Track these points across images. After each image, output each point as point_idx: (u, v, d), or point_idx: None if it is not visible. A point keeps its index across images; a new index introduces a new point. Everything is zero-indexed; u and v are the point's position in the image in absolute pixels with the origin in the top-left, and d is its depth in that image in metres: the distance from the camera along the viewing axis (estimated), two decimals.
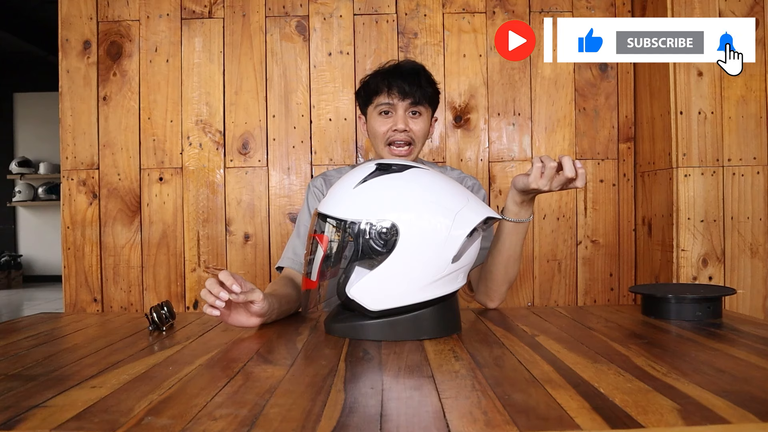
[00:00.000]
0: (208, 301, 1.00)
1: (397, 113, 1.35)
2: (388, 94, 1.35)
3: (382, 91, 1.35)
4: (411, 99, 1.34)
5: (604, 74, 1.96)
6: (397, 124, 1.35)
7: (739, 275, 1.70)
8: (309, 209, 1.44)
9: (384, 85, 1.35)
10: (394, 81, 1.34)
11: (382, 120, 1.37)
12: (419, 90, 1.34)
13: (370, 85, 1.38)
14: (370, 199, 1.02)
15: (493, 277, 1.28)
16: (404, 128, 1.35)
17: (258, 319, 1.08)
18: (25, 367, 0.87)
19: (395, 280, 1.00)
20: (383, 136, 1.37)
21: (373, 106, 1.39)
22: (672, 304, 1.17)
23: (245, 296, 1.01)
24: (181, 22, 1.96)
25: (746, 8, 1.69)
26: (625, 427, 0.59)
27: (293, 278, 1.33)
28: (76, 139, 1.96)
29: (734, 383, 0.73)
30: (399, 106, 1.35)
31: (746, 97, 1.70)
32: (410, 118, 1.37)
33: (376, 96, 1.37)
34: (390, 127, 1.36)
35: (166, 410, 0.66)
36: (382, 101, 1.36)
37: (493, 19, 1.96)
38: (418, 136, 1.37)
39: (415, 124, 1.37)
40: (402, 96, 1.34)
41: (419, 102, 1.35)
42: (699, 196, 1.69)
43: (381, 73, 1.38)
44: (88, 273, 1.96)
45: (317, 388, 0.74)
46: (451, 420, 0.63)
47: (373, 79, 1.38)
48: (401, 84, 1.33)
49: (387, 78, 1.35)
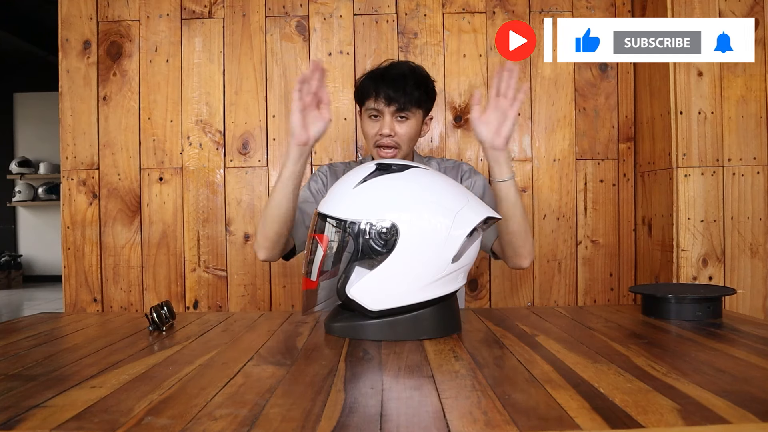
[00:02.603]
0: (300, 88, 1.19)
1: (384, 118, 1.39)
2: (375, 100, 1.38)
3: (370, 96, 1.39)
4: (396, 105, 1.37)
5: (604, 74, 1.96)
6: (383, 128, 1.38)
7: (739, 275, 1.70)
8: (308, 185, 1.47)
9: (372, 91, 1.38)
10: (380, 87, 1.37)
11: (372, 123, 1.41)
12: (404, 96, 1.37)
13: (362, 89, 1.42)
14: (370, 199, 1.02)
15: (515, 239, 1.30)
16: (389, 133, 1.38)
17: (307, 134, 1.21)
18: (25, 367, 0.87)
19: (395, 280, 1.00)
20: (372, 138, 1.41)
21: (364, 109, 1.43)
22: (672, 304, 1.17)
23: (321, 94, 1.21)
24: (181, 22, 1.96)
25: (746, 8, 1.69)
26: (625, 427, 0.59)
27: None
28: (76, 139, 1.96)
29: (734, 383, 0.73)
30: (385, 112, 1.38)
31: (746, 97, 1.70)
32: (396, 122, 1.39)
33: (366, 99, 1.41)
34: (377, 131, 1.39)
35: (166, 410, 0.66)
36: (371, 106, 1.40)
37: (493, 19, 1.96)
38: (404, 140, 1.40)
39: (401, 127, 1.39)
40: (387, 102, 1.37)
41: (404, 107, 1.38)
42: (699, 196, 1.69)
43: (371, 77, 1.41)
44: (88, 273, 1.96)
45: (317, 388, 0.74)
46: (451, 420, 0.63)
47: (364, 82, 1.42)
48: (386, 90, 1.36)
49: (375, 83, 1.38)
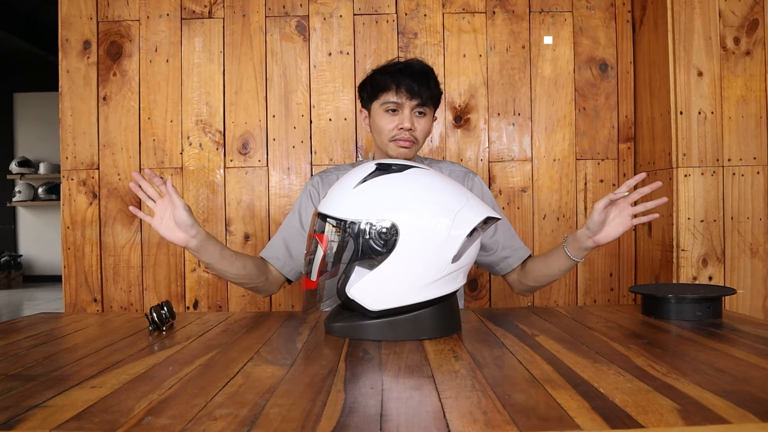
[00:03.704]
0: (147, 193, 1.20)
1: (403, 112, 1.36)
2: (396, 93, 1.35)
3: (390, 89, 1.36)
4: (419, 99, 1.35)
5: (604, 74, 1.96)
6: (404, 122, 1.36)
7: (739, 275, 1.70)
8: (298, 209, 1.45)
9: (393, 83, 1.35)
10: (403, 80, 1.35)
11: (389, 117, 1.38)
12: (427, 91, 1.36)
13: (377, 81, 1.39)
14: (370, 199, 1.02)
15: (539, 283, 1.44)
16: (410, 127, 1.36)
17: (183, 234, 1.19)
18: (25, 367, 0.87)
19: (395, 280, 1.00)
20: (388, 133, 1.38)
21: (379, 103, 1.39)
22: (672, 304, 1.17)
23: (168, 192, 1.18)
24: (181, 22, 1.96)
25: (746, 8, 1.69)
26: (625, 427, 0.59)
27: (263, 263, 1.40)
28: (76, 139, 1.96)
29: (734, 383, 0.73)
30: (406, 105, 1.36)
31: (746, 97, 1.70)
32: (416, 117, 1.38)
33: (383, 93, 1.37)
34: (396, 125, 1.36)
35: (166, 410, 0.66)
36: (390, 99, 1.36)
37: (493, 19, 1.96)
38: (421, 136, 1.39)
39: (420, 123, 1.38)
40: (410, 95, 1.35)
41: (426, 103, 1.37)
42: (699, 196, 1.69)
43: (390, 70, 1.38)
44: (88, 273, 1.96)
45: (317, 388, 0.74)
46: (451, 420, 0.63)
47: (380, 76, 1.38)
48: (410, 83, 1.34)
49: (396, 76, 1.36)
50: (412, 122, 1.36)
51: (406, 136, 1.36)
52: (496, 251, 1.43)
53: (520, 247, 1.45)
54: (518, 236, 1.48)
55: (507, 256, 1.43)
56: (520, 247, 1.45)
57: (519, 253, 1.44)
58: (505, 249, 1.43)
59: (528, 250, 1.46)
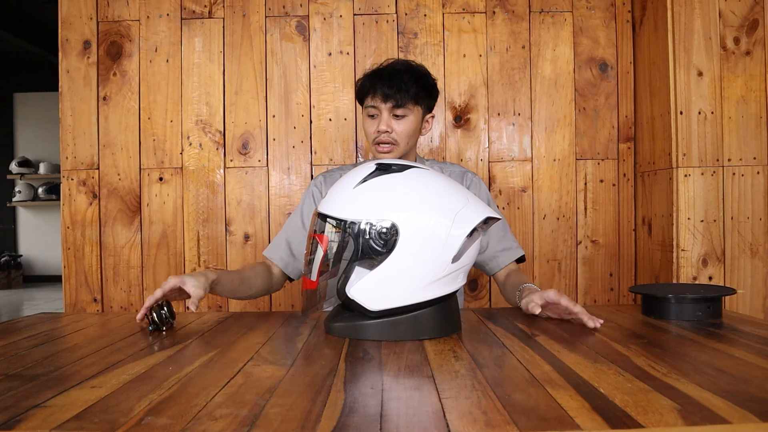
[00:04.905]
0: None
1: (381, 116, 1.40)
2: (373, 97, 1.40)
3: (369, 93, 1.41)
4: (392, 102, 1.38)
5: (604, 74, 1.96)
6: (380, 125, 1.39)
7: (739, 275, 1.70)
8: (301, 209, 1.49)
9: (371, 88, 1.40)
10: (377, 83, 1.39)
11: (370, 121, 1.42)
12: (399, 92, 1.38)
13: (360, 87, 1.44)
14: (370, 199, 1.02)
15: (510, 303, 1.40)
16: (386, 129, 1.39)
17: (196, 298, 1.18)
18: (25, 367, 0.87)
19: (395, 280, 1.00)
20: (371, 136, 1.43)
21: (363, 107, 1.44)
22: (672, 304, 1.17)
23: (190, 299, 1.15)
24: (181, 22, 1.96)
25: (746, 8, 1.69)
26: (625, 427, 0.59)
27: (267, 271, 1.43)
28: (76, 139, 1.96)
29: (734, 383, 0.73)
30: (382, 109, 1.39)
31: (746, 97, 1.70)
32: (394, 119, 1.40)
33: (365, 97, 1.42)
34: (375, 128, 1.40)
35: (166, 410, 0.66)
36: (369, 104, 1.41)
37: (493, 19, 1.96)
38: (402, 137, 1.41)
39: (399, 125, 1.40)
40: (384, 99, 1.38)
41: (401, 104, 1.38)
42: (699, 196, 1.69)
43: (369, 75, 1.42)
44: (88, 273, 1.96)
45: (317, 388, 0.74)
46: (451, 420, 0.63)
47: (363, 81, 1.43)
48: (382, 87, 1.38)
49: (373, 80, 1.40)
50: (389, 124, 1.39)
51: (384, 139, 1.40)
52: (486, 250, 1.44)
53: (512, 248, 1.45)
54: (513, 236, 1.49)
55: (496, 255, 1.44)
56: (512, 247, 1.46)
57: (509, 254, 1.44)
58: (495, 248, 1.44)
59: (520, 252, 1.46)
